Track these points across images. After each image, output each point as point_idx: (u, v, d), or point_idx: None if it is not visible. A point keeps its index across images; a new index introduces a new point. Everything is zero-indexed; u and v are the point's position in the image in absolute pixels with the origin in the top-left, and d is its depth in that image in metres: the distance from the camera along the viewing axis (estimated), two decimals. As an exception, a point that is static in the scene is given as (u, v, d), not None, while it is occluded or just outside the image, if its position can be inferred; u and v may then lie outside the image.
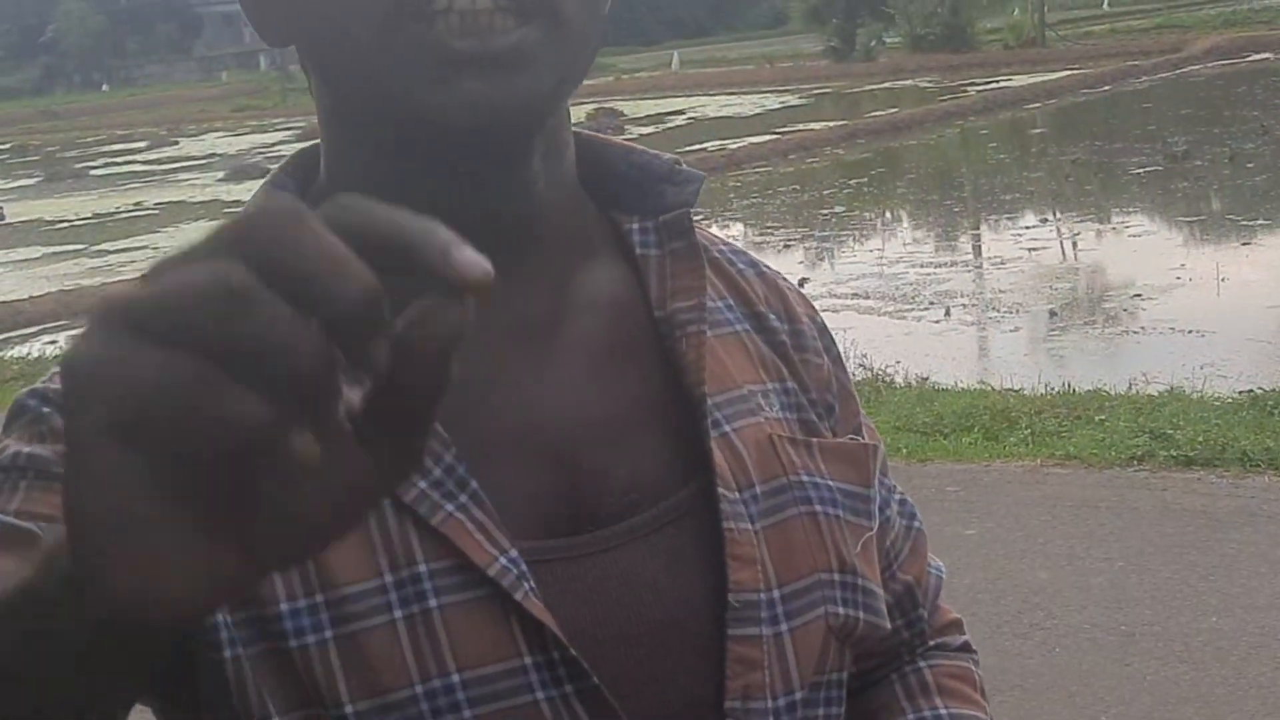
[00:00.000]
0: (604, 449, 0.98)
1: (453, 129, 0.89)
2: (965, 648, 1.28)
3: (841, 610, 1.03)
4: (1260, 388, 7.29)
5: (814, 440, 1.07)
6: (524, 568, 0.92)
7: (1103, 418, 7.01)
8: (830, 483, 1.06)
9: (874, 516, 1.09)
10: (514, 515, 0.94)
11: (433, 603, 0.91)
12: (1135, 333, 9.48)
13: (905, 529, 1.22)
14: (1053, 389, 7.80)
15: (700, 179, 1.08)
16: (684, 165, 1.09)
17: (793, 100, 30.36)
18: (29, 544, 0.85)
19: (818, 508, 1.04)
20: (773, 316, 1.12)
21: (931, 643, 1.25)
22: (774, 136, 22.25)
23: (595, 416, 0.99)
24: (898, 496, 1.22)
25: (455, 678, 0.91)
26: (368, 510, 0.55)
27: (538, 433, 0.97)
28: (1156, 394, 7.48)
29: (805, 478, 1.05)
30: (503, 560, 0.91)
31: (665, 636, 0.97)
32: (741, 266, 1.14)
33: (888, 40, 38.04)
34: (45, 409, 0.93)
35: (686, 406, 1.01)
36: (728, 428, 1.02)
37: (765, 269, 1.16)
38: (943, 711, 1.19)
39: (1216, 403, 7.14)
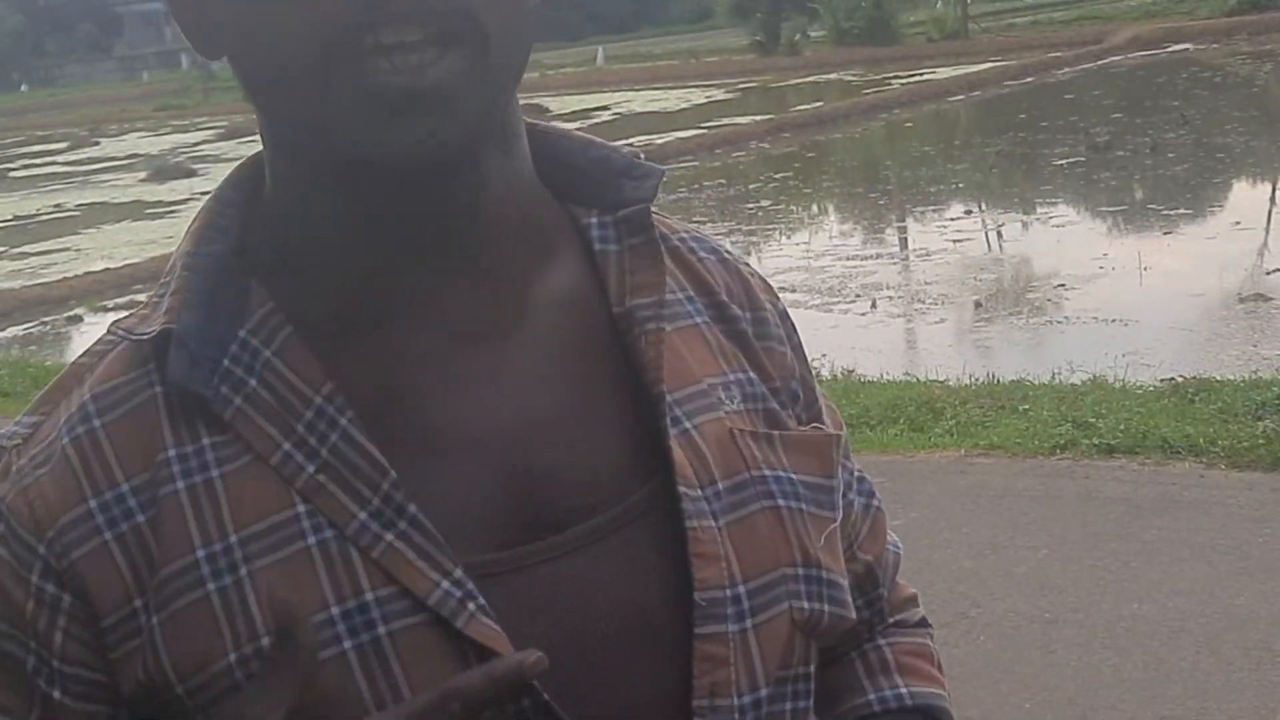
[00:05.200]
0: (559, 451, 0.96)
1: (396, 170, 0.88)
2: (922, 623, 1.28)
3: (806, 604, 1.02)
4: (1181, 376, 7.37)
5: (776, 433, 1.06)
6: (470, 587, 0.90)
7: (1026, 407, 7.05)
8: (793, 476, 1.05)
9: (837, 507, 1.08)
10: (463, 528, 0.92)
11: (381, 630, 0.89)
12: (1059, 322, 9.56)
13: (864, 507, 1.21)
14: (977, 380, 7.86)
15: (660, 174, 1.07)
16: (643, 158, 1.07)
17: (718, 95, 30.39)
18: None
19: (780, 502, 1.03)
20: (734, 305, 1.10)
21: (890, 620, 1.25)
22: (700, 131, 22.26)
23: (550, 417, 0.97)
24: (857, 475, 1.21)
25: None
26: None
27: (489, 439, 0.95)
28: (1079, 383, 7.54)
29: (767, 472, 1.03)
30: (445, 585, 0.89)
31: (622, 639, 0.95)
32: (703, 255, 1.12)
33: (812, 34, 38.18)
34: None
35: (646, 404, 1.00)
36: (688, 424, 1.00)
37: (727, 255, 1.15)
38: (903, 690, 1.20)
39: (1138, 391, 7.20)
